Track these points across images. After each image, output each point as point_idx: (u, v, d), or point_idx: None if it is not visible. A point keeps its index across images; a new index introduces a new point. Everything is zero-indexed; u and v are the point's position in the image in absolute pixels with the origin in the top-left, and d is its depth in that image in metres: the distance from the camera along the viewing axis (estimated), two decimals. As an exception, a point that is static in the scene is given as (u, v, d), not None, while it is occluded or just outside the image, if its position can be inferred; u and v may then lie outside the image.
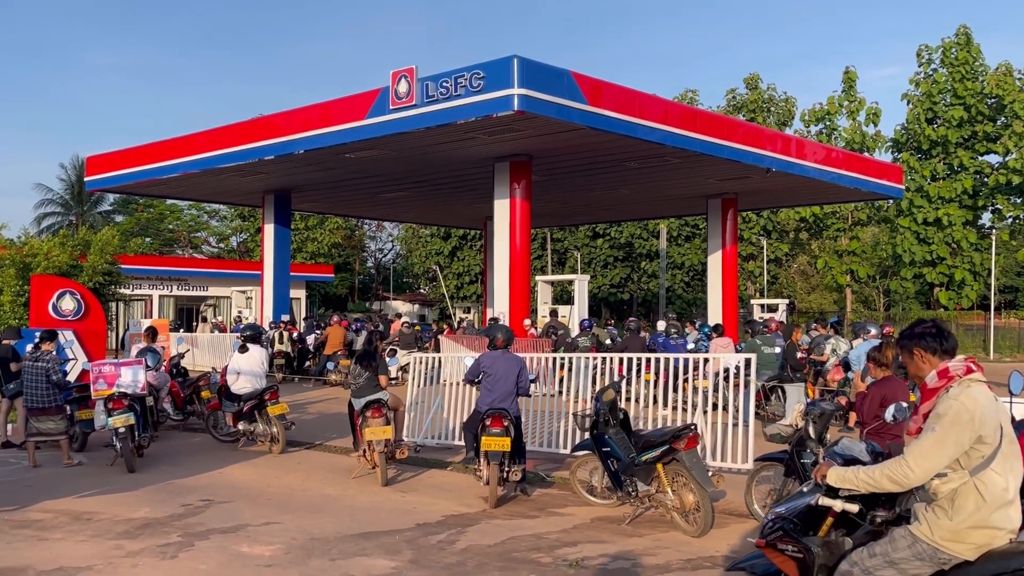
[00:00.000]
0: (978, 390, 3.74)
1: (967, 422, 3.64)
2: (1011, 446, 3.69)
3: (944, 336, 3.92)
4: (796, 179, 23.10)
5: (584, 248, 56.17)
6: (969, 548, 3.68)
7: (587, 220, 40.78)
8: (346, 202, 29.02)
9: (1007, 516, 3.67)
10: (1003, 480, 3.64)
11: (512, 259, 20.14)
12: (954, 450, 3.65)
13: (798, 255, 63.16)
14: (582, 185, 24.79)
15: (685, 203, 29.20)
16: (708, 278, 28.31)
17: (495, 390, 8.89)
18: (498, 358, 9.04)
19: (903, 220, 44.94)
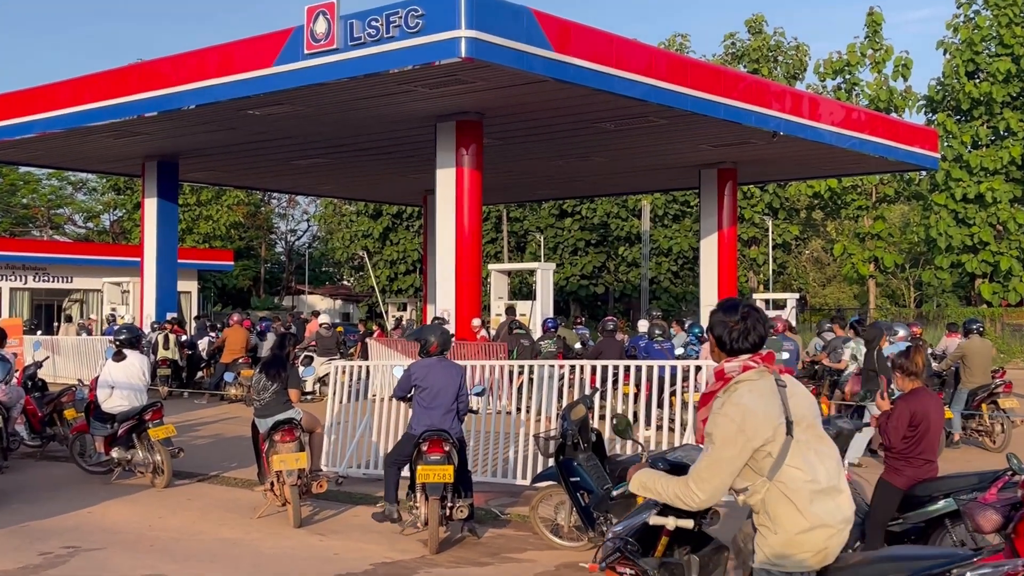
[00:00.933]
0: (744, 392, 4.12)
1: (735, 435, 4.05)
2: (807, 432, 4.12)
3: (747, 332, 4.25)
4: (808, 145, 23.43)
5: (549, 230, 56.46)
6: (808, 555, 4.05)
7: (552, 195, 40.93)
8: (249, 171, 28.77)
9: (830, 508, 4.06)
10: (805, 472, 4.05)
11: (459, 243, 20.16)
12: (734, 465, 4.09)
13: (811, 239, 64.22)
14: (546, 152, 24.86)
15: (673, 175, 29.44)
16: (701, 267, 28.58)
17: (432, 407, 8.90)
18: (433, 367, 9.03)
19: (938, 196, 45.83)
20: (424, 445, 8.74)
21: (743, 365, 4.22)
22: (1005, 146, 45.02)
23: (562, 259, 56.02)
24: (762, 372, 4.21)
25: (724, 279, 27.77)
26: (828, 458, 4.18)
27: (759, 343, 4.28)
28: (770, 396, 4.14)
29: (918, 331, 16.38)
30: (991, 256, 45.36)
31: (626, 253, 55.54)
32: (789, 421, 4.11)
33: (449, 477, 8.65)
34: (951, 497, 6.96)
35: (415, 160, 25.51)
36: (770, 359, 4.28)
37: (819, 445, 4.18)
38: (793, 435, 4.10)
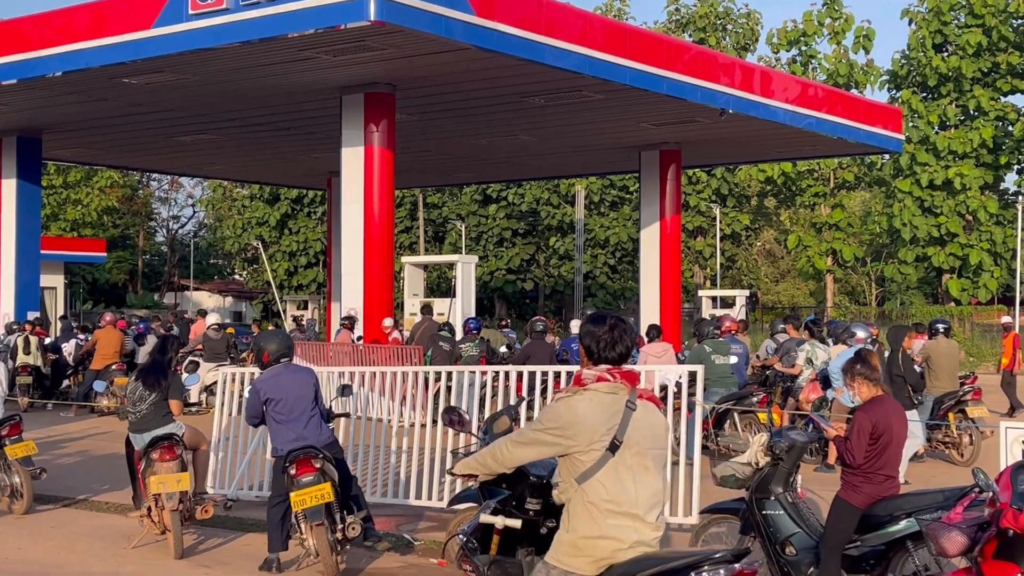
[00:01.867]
0: (584, 399, 4.79)
1: (554, 427, 4.80)
2: (635, 458, 4.75)
3: (613, 342, 4.89)
4: (760, 125, 23.77)
5: (471, 218, 56.52)
6: (587, 562, 4.70)
7: (475, 179, 40.94)
8: (125, 148, 28.30)
9: (626, 527, 4.71)
10: (609, 491, 4.70)
11: (368, 233, 20.07)
12: (541, 449, 4.89)
13: (762, 230, 65.22)
14: (467, 129, 24.86)
15: (610, 157, 29.65)
16: (641, 260, 28.82)
17: (290, 420, 8.86)
18: (280, 376, 8.97)
19: (902, 183, 46.88)
20: (292, 468, 8.66)
21: (598, 376, 4.83)
22: (975, 127, 46.13)
23: (486, 251, 56.12)
24: (616, 387, 4.80)
25: (666, 274, 28.04)
26: (646, 488, 4.76)
27: (625, 355, 4.89)
28: (606, 411, 4.74)
29: (876, 332, 16.71)
30: (960, 249, 46.48)
31: (558, 244, 55.84)
32: (617, 442, 4.70)
33: (328, 495, 8.59)
34: (913, 517, 7.10)
35: (318, 137, 25.32)
36: (630, 377, 4.85)
37: (643, 474, 4.76)
38: (615, 455, 4.70)
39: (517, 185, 54.40)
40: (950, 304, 47.75)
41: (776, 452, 7.58)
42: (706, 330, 15.53)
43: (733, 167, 50.94)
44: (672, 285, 28.15)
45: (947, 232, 46.41)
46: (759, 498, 7.62)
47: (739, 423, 14.73)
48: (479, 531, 5.76)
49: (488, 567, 5.64)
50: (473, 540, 5.79)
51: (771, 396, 16.00)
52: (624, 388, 4.82)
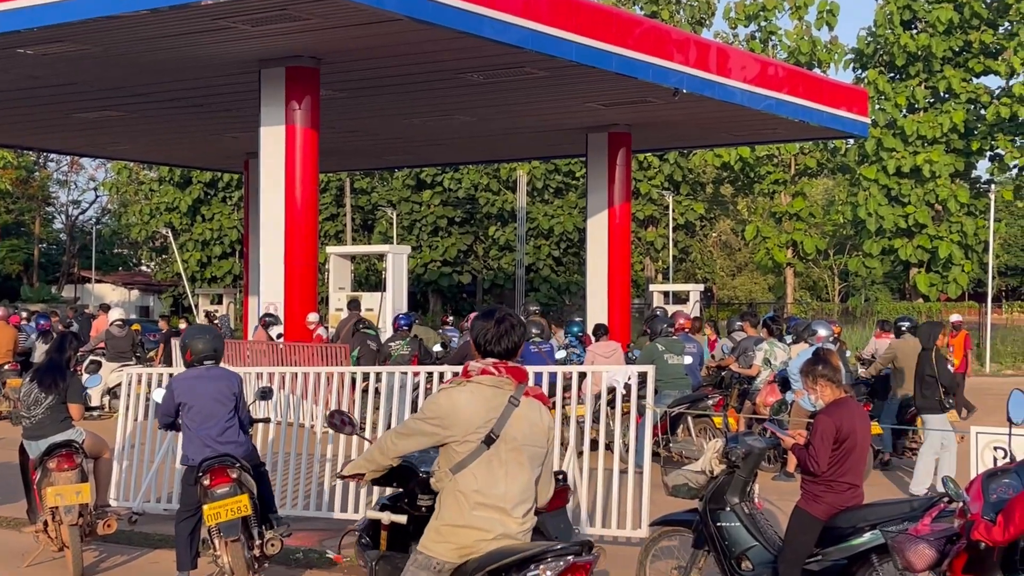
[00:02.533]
0: (465, 390, 5.30)
1: (433, 417, 5.30)
2: (511, 453, 5.22)
3: (499, 336, 5.36)
4: (716, 106, 23.92)
5: (403, 205, 56.35)
6: (450, 549, 5.19)
7: (407, 162, 40.78)
8: (20, 126, 27.89)
9: (492, 519, 5.19)
10: (479, 482, 5.18)
11: (290, 220, 19.94)
12: (421, 439, 5.38)
13: (718, 219, 65.72)
14: (399, 108, 24.76)
15: (555, 139, 29.69)
16: (587, 252, 28.89)
17: (205, 427, 8.79)
18: (200, 379, 8.91)
19: (868, 170, 47.46)
20: (205, 478, 8.59)
21: (483, 369, 5.32)
22: (946, 110, 46.77)
23: (419, 241, 56.00)
24: (500, 382, 5.29)
25: (615, 266, 28.14)
26: (516, 483, 5.24)
27: (512, 349, 5.37)
28: (486, 404, 5.24)
29: (838, 330, 16.93)
30: (928, 241, 47.15)
31: (498, 234, 55.85)
32: (493, 435, 5.20)
33: (245, 509, 8.55)
34: (878, 529, 7.17)
35: (234, 115, 25.09)
36: (517, 373, 5.31)
37: (516, 469, 5.25)
38: (490, 448, 5.20)
39: (454, 169, 54.30)
40: (918, 300, 48.44)
41: (732, 459, 7.64)
42: (658, 327, 15.62)
43: (687, 152, 51.22)
44: (621, 279, 28.24)
45: (915, 223, 47.03)
46: (713, 509, 7.68)
47: (693, 428, 14.84)
48: (370, 527, 6.32)
49: (376, 562, 6.18)
50: (365, 536, 6.39)
51: (727, 399, 16.15)
52: (509, 383, 5.29)
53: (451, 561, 5.20)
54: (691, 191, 56.68)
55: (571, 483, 9.34)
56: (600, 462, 10.72)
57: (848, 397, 7.61)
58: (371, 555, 6.27)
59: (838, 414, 7.36)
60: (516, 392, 5.30)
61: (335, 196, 57.00)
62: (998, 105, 45.76)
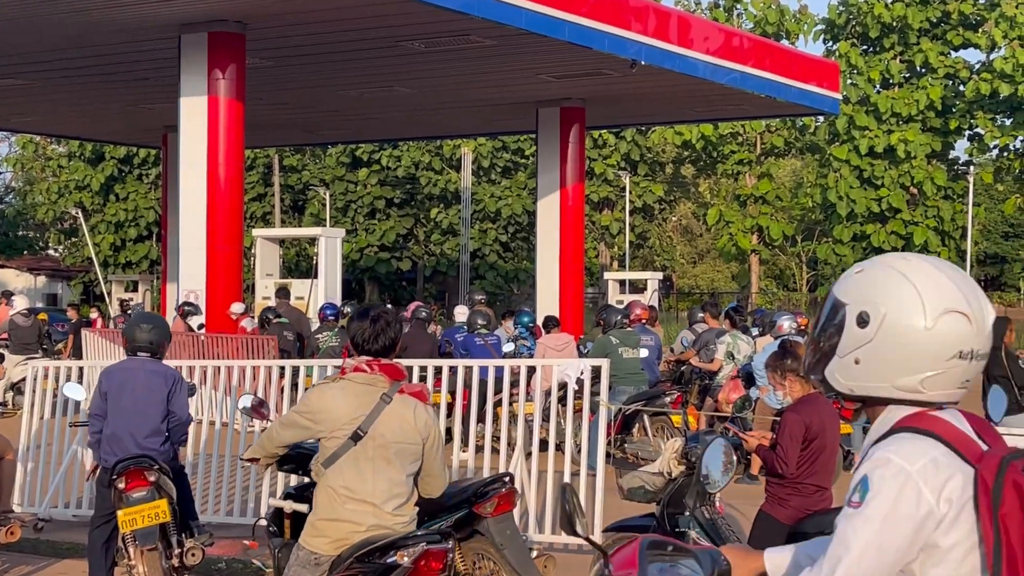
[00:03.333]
0: (335, 387, 5.91)
1: (306, 411, 5.92)
2: (379, 450, 5.77)
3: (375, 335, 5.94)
4: (677, 79, 24.01)
5: (337, 185, 56.14)
6: (326, 542, 5.74)
7: (342, 138, 40.57)
8: (-86, 94, 27.49)
9: (364, 512, 5.75)
10: (346, 479, 5.74)
11: (213, 200, 19.82)
12: (297, 431, 5.97)
13: (679, 202, 66.03)
14: (333, 78, 24.65)
15: (503, 114, 29.68)
16: (537, 237, 28.93)
17: (127, 424, 8.72)
18: (131, 371, 8.85)
19: (839, 149, 47.85)
20: (120, 482, 8.53)
21: (356, 366, 5.87)
22: (922, 86, 47.21)
23: (355, 224, 55.82)
24: (373, 379, 5.84)
25: (567, 252, 28.20)
26: (384, 480, 5.80)
27: (389, 347, 5.96)
28: (356, 401, 5.79)
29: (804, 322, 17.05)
30: (903, 227, 47.63)
31: (440, 217, 55.80)
32: (361, 432, 5.74)
33: (164, 515, 8.49)
34: (848, 534, 7.23)
35: (152, 85, 24.89)
36: (392, 371, 5.88)
37: (384, 466, 5.79)
38: (357, 444, 5.74)
39: (392, 146, 54.14)
40: (891, 290, 48.89)
41: (692, 460, 7.67)
42: (613, 318, 15.66)
43: (645, 129, 51.38)
44: (574, 266, 28.32)
45: (889, 207, 47.48)
46: (672, 513, 7.70)
47: (649, 427, 14.90)
48: (277, 516, 6.87)
49: (280, 550, 6.68)
50: (273, 524, 6.93)
51: (687, 396, 16.24)
52: (383, 381, 5.85)
53: (328, 553, 5.73)
54: (649, 171, 56.94)
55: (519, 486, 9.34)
56: (550, 464, 10.75)
57: (817, 393, 7.61)
58: (275, 543, 6.80)
59: (807, 411, 7.39)
60: (389, 390, 5.83)
61: (262, 174, 56.65)
62: (978, 81, 46.25)
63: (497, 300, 49.51)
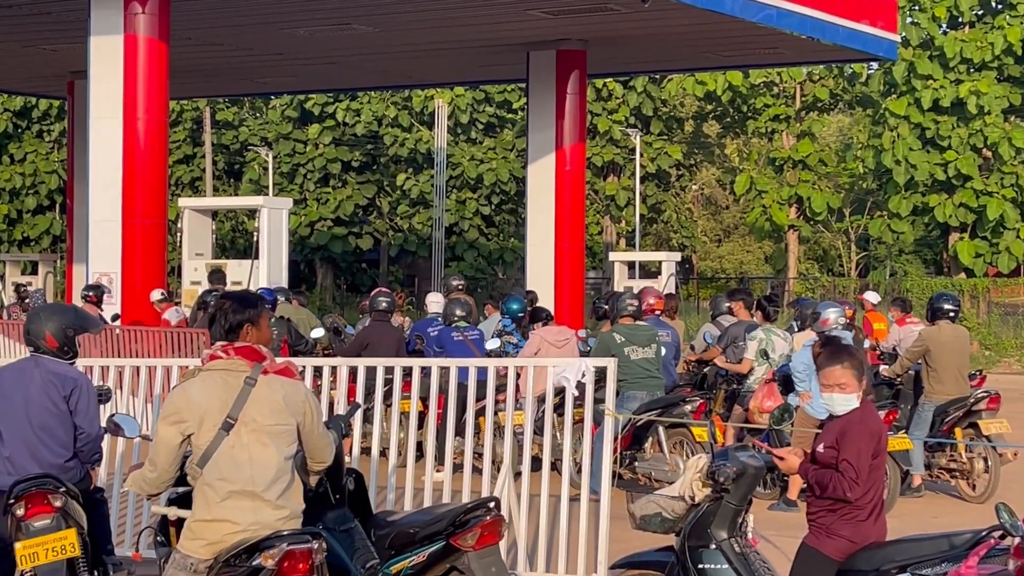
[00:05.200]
0: (195, 381, 6.55)
1: (169, 414, 6.52)
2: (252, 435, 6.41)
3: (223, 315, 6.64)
4: (699, 16, 23.94)
5: (282, 144, 56.00)
6: (201, 545, 6.39)
7: (288, 87, 40.37)
8: None
9: (243, 508, 6.39)
10: (223, 471, 6.37)
11: (129, 162, 19.80)
12: (168, 445, 6.53)
13: (700, 167, 65.80)
14: (277, 13, 24.56)
15: (485, 58, 29.63)
16: (528, 209, 28.88)
17: (22, 438, 8.71)
18: (26, 373, 8.88)
19: (896, 103, 47.77)
20: (18, 508, 8.51)
21: (211, 354, 6.56)
22: (998, 25, 47.09)
23: (304, 192, 55.73)
24: (230, 364, 6.52)
25: (565, 228, 28.16)
26: (263, 465, 6.44)
27: (235, 328, 6.63)
28: (219, 389, 6.46)
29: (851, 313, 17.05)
30: (973, 198, 47.49)
31: (409, 185, 55.72)
32: (231, 420, 6.40)
33: (73, 548, 8.49)
34: (909, 572, 7.24)
35: (54, 20, 24.81)
36: (249, 353, 6.54)
37: (260, 450, 6.45)
38: (230, 433, 6.41)
39: (350, 98, 54.00)
40: (959, 275, 48.85)
41: (719, 482, 7.66)
42: (621, 309, 15.64)
43: (660, 78, 51.27)
44: (572, 244, 28.29)
45: (956, 173, 47.35)
46: (695, 546, 7.70)
47: (665, 441, 14.88)
48: (164, 524, 7.43)
49: (165, 559, 7.09)
50: (160, 534, 7.53)
51: (710, 403, 16.20)
52: (242, 364, 6.51)
53: (204, 558, 6.39)
54: (665, 130, 56.87)
55: (505, 513, 9.33)
56: (544, 486, 10.72)
57: (867, 401, 7.64)
58: (162, 552, 7.40)
59: (871, 419, 7.39)
60: (252, 372, 6.50)
61: (191, 132, 56.53)
62: (1065, 20, 46.20)
63: (479, 286, 49.45)
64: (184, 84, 29.99)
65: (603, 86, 52.26)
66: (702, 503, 7.75)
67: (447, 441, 11.34)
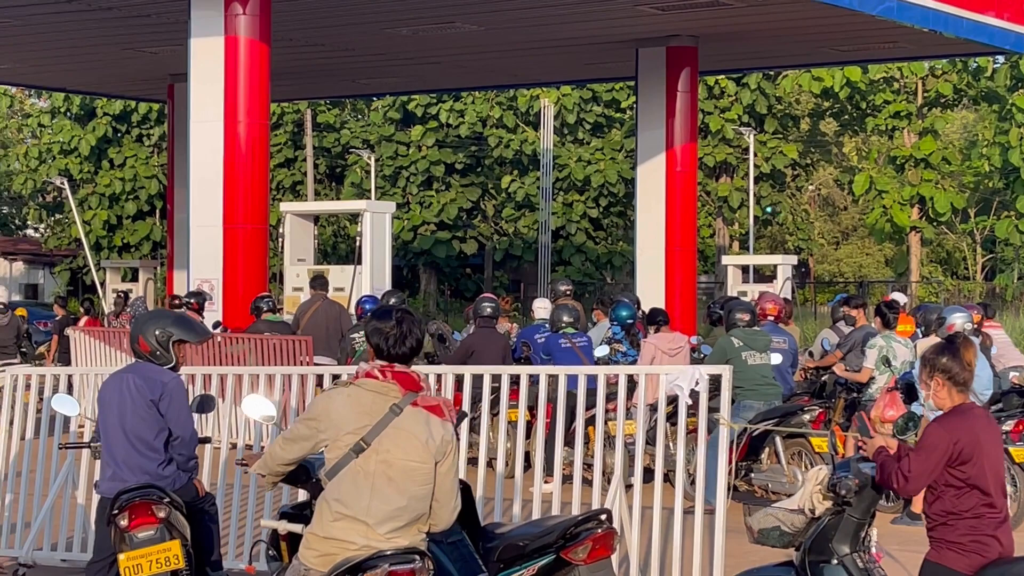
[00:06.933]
0: (342, 393, 6.55)
1: (309, 417, 6.62)
2: (381, 466, 6.36)
3: (402, 338, 6.54)
4: (815, 10, 23.82)
5: (384, 147, 56.31)
6: (317, 557, 6.47)
7: (390, 88, 40.61)
8: None
9: (356, 531, 6.40)
10: (342, 493, 6.40)
11: (230, 167, 20.02)
12: (302, 444, 6.66)
13: (817, 167, 65.40)
14: (379, 13, 24.73)
15: (593, 56, 29.64)
16: (637, 211, 28.85)
17: (119, 445, 8.90)
18: (120, 381, 9.02)
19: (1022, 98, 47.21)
20: (122, 519, 8.62)
21: (367, 371, 6.50)
22: None
23: (407, 196, 56.00)
24: (384, 387, 6.46)
25: (675, 231, 28.12)
26: (382, 499, 6.39)
27: (416, 348, 6.61)
28: (361, 409, 6.42)
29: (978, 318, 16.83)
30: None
31: (514, 187, 55.81)
32: (363, 444, 6.38)
33: (177, 560, 8.64)
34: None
35: (155, 22, 25.11)
36: (406, 380, 6.49)
37: (384, 484, 6.39)
38: (359, 457, 6.39)
39: (454, 98, 54.20)
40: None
41: (841, 495, 7.62)
42: (735, 314, 15.59)
43: (774, 74, 51.04)
44: (683, 248, 28.25)
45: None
46: (816, 561, 7.67)
47: (783, 452, 14.82)
48: (276, 538, 7.62)
49: (278, 574, 7.43)
50: (272, 548, 7.73)
51: (830, 412, 16.11)
52: (395, 390, 6.46)
53: (320, 570, 6.44)
54: (780, 128, 56.54)
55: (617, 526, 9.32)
56: (656, 498, 10.70)
57: (972, 405, 7.53)
58: (273, 567, 7.63)
59: (956, 425, 7.30)
60: (401, 401, 6.45)
61: (292, 135, 56.99)
62: None
63: (586, 291, 49.44)
64: (285, 86, 30.29)
65: (715, 83, 52.09)
66: (823, 516, 7.71)
67: (556, 451, 11.35)
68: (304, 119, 55.75)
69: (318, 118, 56.71)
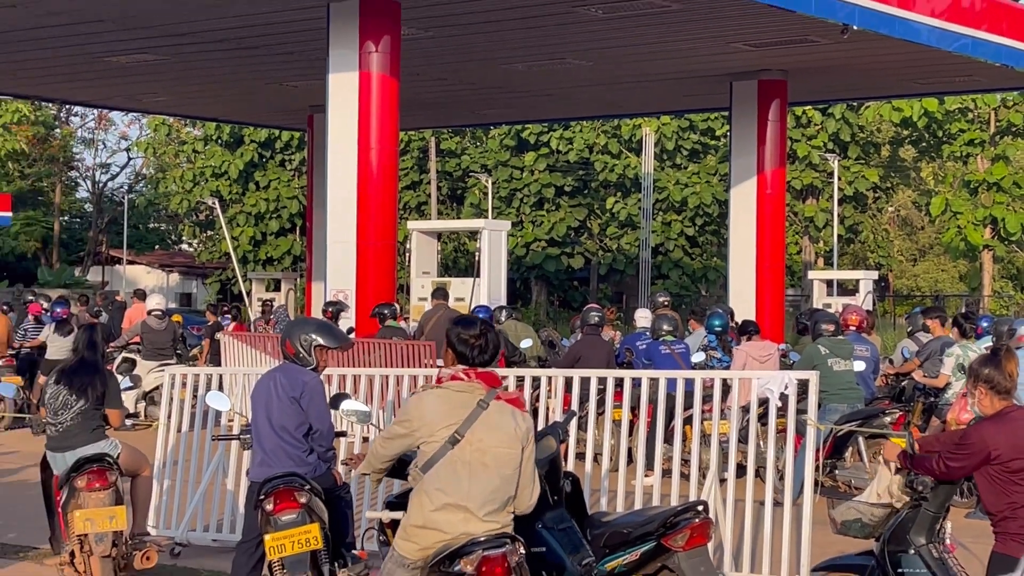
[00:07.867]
0: (433, 394, 6.76)
1: (404, 419, 6.80)
2: (476, 455, 6.55)
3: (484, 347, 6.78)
4: (896, 47, 23.59)
5: (500, 171, 56.48)
6: (414, 548, 6.58)
7: (506, 118, 40.76)
8: (38, 73, 28.40)
9: (454, 520, 6.53)
10: (441, 481, 6.54)
11: (363, 189, 20.08)
12: (399, 441, 6.87)
13: (896, 190, 64.76)
14: (497, 50, 24.79)
15: (690, 88, 29.54)
16: (730, 230, 28.69)
17: (267, 436, 9.02)
18: (271, 379, 9.17)
19: (1088, 128, 46.48)
20: (268, 504, 8.73)
21: (452, 375, 6.72)
22: None
23: (520, 215, 56.11)
24: (469, 387, 6.67)
25: (765, 248, 27.93)
26: (480, 484, 6.57)
27: (495, 355, 6.85)
28: (452, 406, 6.63)
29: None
30: None
31: (617, 208, 55.76)
32: (458, 435, 6.56)
33: (316, 542, 8.72)
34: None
35: (296, 59, 25.33)
36: (488, 378, 6.71)
37: (480, 470, 6.57)
38: (455, 448, 6.55)
39: (564, 127, 54.25)
40: None
41: (918, 490, 7.56)
42: (821, 325, 15.50)
43: (857, 105, 50.59)
44: (773, 264, 28.04)
45: None
46: (894, 551, 7.61)
47: (865, 451, 14.70)
48: (382, 526, 7.78)
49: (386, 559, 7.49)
50: (381, 534, 7.83)
51: (909, 415, 15.97)
52: (479, 387, 6.68)
53: (414, 558, 6.58)
54: (862, 154, 56.03)
55: (712, 517, 9.32)
56: (748, 492, 10.67)
57: (1013, 407, 7.39)
58: (385, 551, 7.49)
59: (996, 429, 7.20)
60: (486, 396, 6.65)
61: (418, 160, 57.32)
62: None
63: (683, 303, 49.23)
64: (412, 116, 30.45)
65: (802, 113, 51.75)
66: (901, 510, 7.67)
67: (656, 448, 11.36)
68: (429, 146, 56.04)
69: (441, 145, 56.98)
